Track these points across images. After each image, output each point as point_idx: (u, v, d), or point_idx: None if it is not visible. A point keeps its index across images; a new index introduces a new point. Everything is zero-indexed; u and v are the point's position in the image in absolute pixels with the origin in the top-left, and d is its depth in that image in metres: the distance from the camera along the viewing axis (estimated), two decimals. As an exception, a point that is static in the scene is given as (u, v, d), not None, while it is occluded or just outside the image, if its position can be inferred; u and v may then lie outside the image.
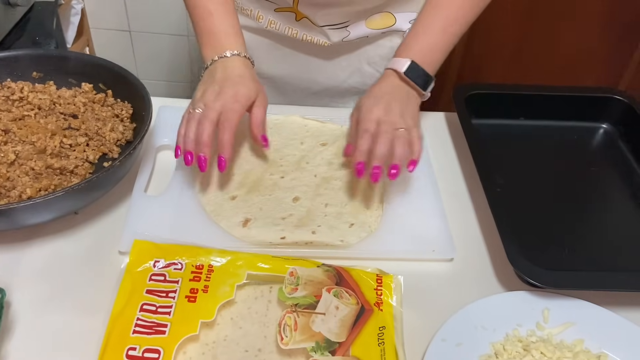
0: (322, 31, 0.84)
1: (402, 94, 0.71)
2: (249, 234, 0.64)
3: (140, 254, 0.57)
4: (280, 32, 0.86)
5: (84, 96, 0.75)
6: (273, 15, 0.85)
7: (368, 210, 0.68)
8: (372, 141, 0.65)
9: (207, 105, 0.65)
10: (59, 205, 0.58)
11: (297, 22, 0.84)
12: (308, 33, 0.85)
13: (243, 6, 0.86)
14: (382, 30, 0.86)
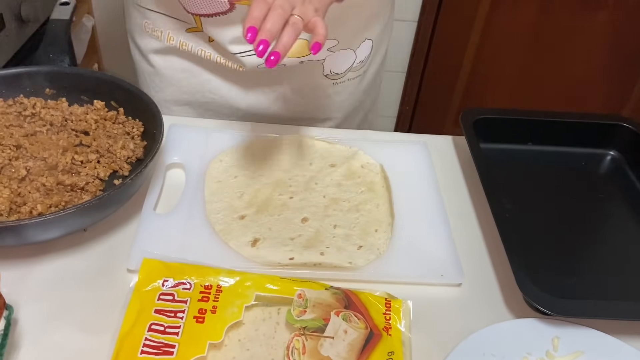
0: (235, 58, 0.80)
1: None
2: (257, 254, 0.64)
3: (149, 273, 0.57)
4: (194, 53, 0.82)
5: (95, 113, 0.75)
6: (185, 37, 0.82)
7: (376, 233, 0.68)
8: (266, 11, 0.57)
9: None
10: (69, 222, 0.58)
11: (210, 44, 0.81)
12: (222, 56, 0.81)
13: (154, 27, 0.83)
14: (299, 59, 0.82)
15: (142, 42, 0.87)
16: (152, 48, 0.86)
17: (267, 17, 0.57)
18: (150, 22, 0.83)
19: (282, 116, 0.90)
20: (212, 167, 0.75)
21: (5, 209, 0.59)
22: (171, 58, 0.86)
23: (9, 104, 0.74)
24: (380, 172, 0.77)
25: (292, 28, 0.58)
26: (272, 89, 0.86)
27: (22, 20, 1.09)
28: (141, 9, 0.83)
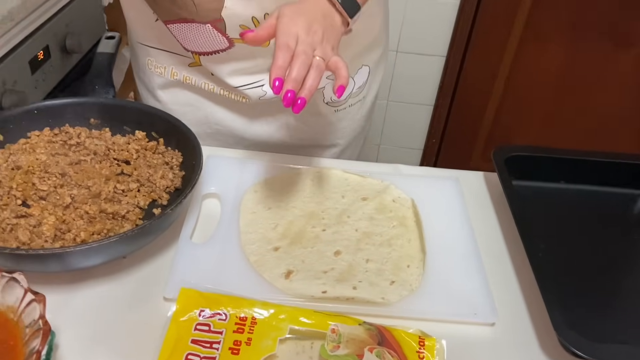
0: (237, 90, 0.83)
1: (328, 19, 0.64)
2: (291, 287, 0.64)
3: (186, 303, 0.58)
4: (197, 86, 0.84)
5: (137, 143, 0.78)
6: (188, 71, 0.84)
7: (409, 268, 0.69)
8: (290, 59, 0.59)
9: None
10: (112, 250, 0.60)
11: (212, 78, 0.83)
12: (224, 89, 0.84)
13: (157, 64, 0.85)
14: None
15: (147, 78, 0.90)
16: (157, 84, 0.89)
17: (292, 65, 0.58)
18: (154, 59, 0.86)
19: (287, 144, 0.92)
20: (247, 197, 0.77)
21: (50, 235, 0.61)
22: (176, 92, 0.89)
23: (55, 132, 0.77)
24: (412, 206, 0.78)
25: (316, 71, 0.60)
26: (275, 117, 0.89)
27: (66, 52, 1.14)
28: (144, 47, 0.86)
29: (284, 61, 0.58)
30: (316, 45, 0.60)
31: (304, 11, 0.62)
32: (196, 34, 0.77)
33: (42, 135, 0.76)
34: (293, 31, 0.60)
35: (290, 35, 0.59)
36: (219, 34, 0.76)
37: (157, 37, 0.83)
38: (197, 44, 0.78)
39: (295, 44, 0.59)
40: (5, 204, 0.66)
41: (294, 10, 0.62)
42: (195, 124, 0.90)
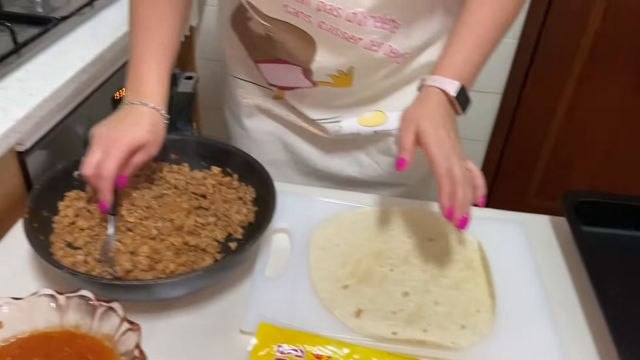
0: (316, 123, 0.88)
1: (451, 119, 0.71)
2: (362, 326, 0.66)
3: (265, 337, 0.60)
4: (280, 116, 0.91)
5: (213, 178, 0.82)
6: (272, 103, 0.91)
7: (478, 314, 0.69)
8: (452, 185, 0.65)
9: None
10: (196, 283, 0.63)
11: (293, 110, 0.89)
12: (305, 122, 0.89)
13: (245, 94, 0.93)
14: (373, 128, 0.88)
15: (236, 107, 0.98)
16: (244, 113, 0.96)
17: (457, 192, 0.65)
18: (243, 90, 0.94)
19: (357, 179, 0.96)
20: (316, 234, 0.79)
21: (146, 264, 0.65)
22: (260, 121, 0.96)
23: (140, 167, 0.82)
24: (478, 249, 0.78)
25: (470, 186, 0.67)
26: (348, 153, 0.93)
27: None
28: (236, 79, 0.94)
29: (450, 188, 0.65)
30: (462, 156, 0.67)
31: (436, 118, 0.69)
32: (285, 72, 0.84)
33: (128, 170, 0.81)
34: (445, 154, 0.66)
35: (446, 161, 0.66)
36: (305, 78, 0.83)
37: (247, 71, 0.91)
38: (283, 80, 0.85)
39: (451, 166, 0.65)
40: (97, 234, 0.70)
41: (429, 121, 0.68)
42: (273, 152, 0.97)
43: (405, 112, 0.73)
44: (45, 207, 0.71)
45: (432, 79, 0.73)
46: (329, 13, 0.71)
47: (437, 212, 0.84)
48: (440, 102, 0.72)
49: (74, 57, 0.91)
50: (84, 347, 0.54)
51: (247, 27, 0.84)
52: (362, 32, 0.74)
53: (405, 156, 0.69)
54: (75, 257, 0.65)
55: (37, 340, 0.54)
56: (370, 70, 0.81)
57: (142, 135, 0.70)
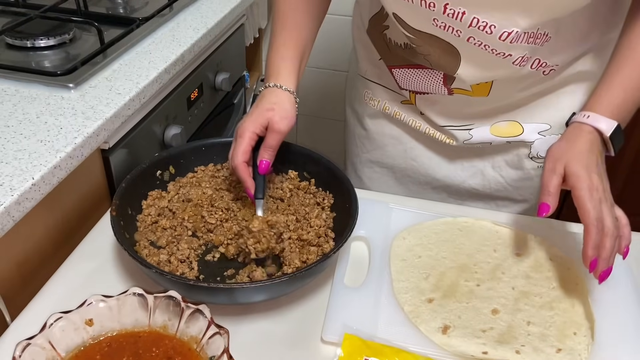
0: (444, 130, 0.84)
1: (601, 159, 0.67)
2: (449, 343, 0.62)
3: (350, 349, 0.58)
4: (405, 122, 0.88)
5: (290, 182, 0.81)
6: (399, 107, 0.88)
7: (575, 336, 0.64)
8: (600, 237, 0.62)
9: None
10: (278, 289, 0.62)
11: (421, 116, 0.86)
12: (431, 128, 0.86)
13: (373, 96, 0.91)
14: (507, 138, 0.84)
15: (360, 108, 0.96)
16: (367, 114, 0.95)
17: (604, 245, 0.62)
18: (370, 92, 0.92)
19: (477, 192, 0.92)
20: (396, 244, 0.76)
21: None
22: (383, 124, 0.93)
23: (217, 168, 0.82)
24: (573, 267, 0.73)
25: (617, 239, 0.64)
26: (472, 164, 0.89)
27: (215, 89, 1.23)
28: (364, 80, 0.93)
29: (598, 239, 0.62)
30: (612, 201, 0.65)
31: (587, 160, 0.65)
32: (421, 78, 0.82)
33: (207, 170, 0.81)
34: (596, 201, 0.63)
35: (597, 210, 0.62)
36: (443, 86, 0.80)
37: (377, 74, 0.90)
38: (417, 86, 0.83)
39: (601, 216, 0.62)
40: (179, 234, 0.70)
41: (584, 167, 0.64)
42: (392, 156, 0.96)
43: (552, 149, 0.69)
44: (130, 205, 0.71)
45: (586, 116, 0.69)
46: (481, 30, 0.68)
47: (523, 224, 0.80)
48: (594, 141, 0.67)
49: (157, 57, 0.93)
50: (171, 349, 0.54)
51: (383, 34, 0.83)
52: (513, 48, 0.70)
53: (549, 201, 0.65)
54: (159, 257, 0.65)
55: (126, 339, 0.54)
56: (512, 82, 0.77)
57: (260, 116, 0.71)
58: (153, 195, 0.75)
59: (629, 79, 0.69)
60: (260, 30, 1.64)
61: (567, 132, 0.70)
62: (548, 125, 0.83)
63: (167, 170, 0.79)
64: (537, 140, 0.84)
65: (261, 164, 0.72)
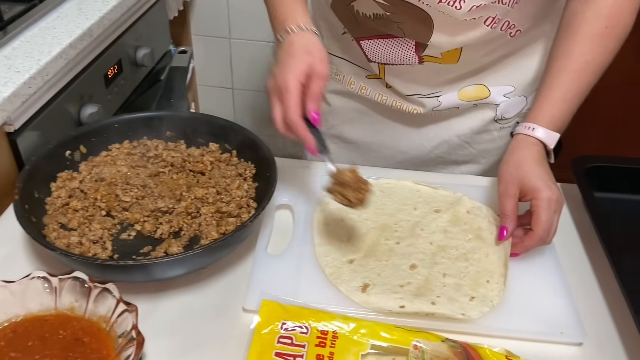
0: (412, 99, 0.84)
1: (548, 167, 0.71)
2: (368, 300, 0.64)
3: (268, 315, 0.58)
4: (370, 97, 0.87)
5: (211, 155, 0.79)
6: (364, 82, 0.87)
7: (488, 284, 0.67)
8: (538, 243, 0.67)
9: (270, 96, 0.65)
10: (194, 261, 0.61)
11: (388, 90, 0.85)
12: (398, 100, 0.85)
13: (337, 71, 0.89)
14: (474, 102, 0.86)
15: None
16: (332, 89, 0.92)
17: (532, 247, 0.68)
18: (335, 67, 0.89)
19: (443, 159, 0.93)
20: (319, 209, 0.76)
21: None
22: (348, 100, 0.92)
23: (134, 145, 0.80)
24: (488, 216, 0.76)
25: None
26: (437, 134, 0.90)
27: (136, 65, 1.19)
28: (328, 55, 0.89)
29: (532, 246, 0.68)
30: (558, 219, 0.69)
31: (542, 174, 0.68)
32: (392, 48, 0.79)
33: (122, 148, 0.79)
34: (551, 214, 0.66)
35: (549, 223, 0.66)
36: (415, 54, 0.78)
37: (341, 48, 0.87)
38: (388, 57, 0.81)
39: (550, 231, 0.67)
40: (92, 214, 0.68)
41: (542, 181, 0.67)
42: (358, 132, 0.94)
43: (502, 172, 0.71)
44: (36, 189, 0.68)
45: (531, 128, 0.71)
46: (450, 6, 0.68)
47: (443, 182, 0.82)
48: (540, 152, 0.71)
49: (61, 32, 0.88)
50: (80, 330, 0.53)
51: (350, 7, 0.79)
52: (485, 11, 0.70)
53: (508, 224, 0.68)
54: (69, 239, 0.63)
55: (31, 324, 0.52)
56: (479, 46, 0.77)
57: (301, 63, 0.64)
58: (63, 177, 0.72)
59: (567, 90, 0.72)
60: (186, 4, 1.59)
61: (513, 144, 0.73)
62: (512, 87, 0.85)
63: (77, 150, 0.75)
64: (502, 103, 0.86)
65: (312, 115, 0.64)
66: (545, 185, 0.67)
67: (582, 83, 0.72)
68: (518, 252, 0.68)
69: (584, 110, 1.78)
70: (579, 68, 0.71)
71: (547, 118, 0.72)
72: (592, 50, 0.71)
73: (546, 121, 0.71)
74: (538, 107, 0.73)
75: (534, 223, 0.67)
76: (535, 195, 0.67)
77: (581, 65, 0.71)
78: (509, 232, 0.68)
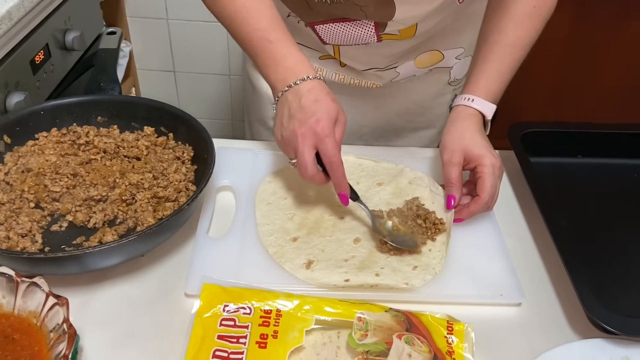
0: (369, 74, 0.84)
1: (487, 137, 0.73)
2: (312, 276, 0.63)
3: (209, 298, 0.57)
4: (327, 78, 0.86)
5: (146, 139, 0.76)
6: (319, 63, 0.85)
7: (430, 252, 0.68)
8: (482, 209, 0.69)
9: (298, 144, 0.63)
10: (129, 249, 0.59)
11: (343, 68, 0.85)
12: (355, 77, 0.85)
13: None
14: (429, 67, 0.87)
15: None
16: None
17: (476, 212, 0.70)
18: None
19: (403, 128, 0.94)
20: (261, 189, 0.75)
21: None
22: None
23: (62, 133, 0.76)
24: (429, 185, 0.76)
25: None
26: (395, 104, 0.90)
27: (66, 49, 1.13)
28: None
29: (477, 211, 0.69)
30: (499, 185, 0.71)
31: (482, 142, 0.70)
32: (349, 30, 0.77)
33: (50, 136, 0.75)
34: (494, 181, 0.68)
35: (494, 189, 0.69)
36: (374, 33, 0.76)
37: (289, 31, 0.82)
38: (345, 38, 0.78)
39: (493, 196, 0.69)
40: (19, 207, 0.65)
41: (485, 148, 0.69)
42: None
43: (445, 141, 0.72)
44: (-43, 183, 0.64)
45: (470, 99, 0.73)
46: None
47: (385, 155, 0.82)
48: (479, 122, 0.72)
49: (-24, 16, 0.82)
50: (9, 327, 0.50)
51: None
52: None
53: (455, 192, 0.69)
54: (-5, 234, 0.60)
55: (-45, 326, 0.49)
56: (434, 16, 0.76)
57: (333, 110, 0.65)
58: (-14, 170, 0.68)
59: (502, 64, 0.74)
60: (119, -17, 1.52)
61: (453, 115, 0.74)
62: (462, 48, 0.86)
63: (1, 140, 0.71)
64: (455, 65, 0.88)
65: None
66: (489, 153, 0.69)
67: (514, 57, 0.74)
68: (463, 217, 0.70)
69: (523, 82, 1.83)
70: (511, 43, 0.74)
71: (485, 90, 0.74)
72: (523, 27, 0.74)
73: (484, 93, 0.73)
74: (475, 79, 0.75)
75: (480, 188, 0.68)
76: (480, 162, 0.69)
77: (514, 40, 0.74)
78: (457, 200, 0.69)
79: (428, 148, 0.88)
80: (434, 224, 0.69)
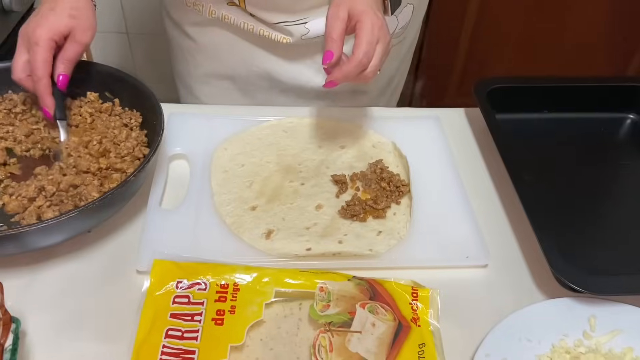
0: (279, 27, 0.79)
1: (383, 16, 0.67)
2: (273, 247, 0.60)
3: (161, 275, 0.54)
4: (236, 24, 0.80)
5: (89, 106, 0.71)
6: (226, 10, 0.79)
7: (395, 216, 0.65)
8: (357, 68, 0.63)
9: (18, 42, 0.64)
10: (72, 226, 0.55)
11: (252, 18, 0.79)
12: (265, 29, 0.80)
13: (195, 1, 0.81)
14: None
15: (182, 16, 0.85)
16: (192, 21, 0.83)
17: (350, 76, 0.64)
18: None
19: (325, 89, 0.86)
20: (217, 156, 0.71)
21: None
22: (212, 31, 0.83)
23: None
24: (393, 150, 0.74)
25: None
26: (314, 61, 0.84)
27: (4, 11, 1.04)
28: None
29: (350, 73, 0.63)
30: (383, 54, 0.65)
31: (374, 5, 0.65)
32: None
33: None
34: (374, 38, 0.63)
35: (370, 47, 0.63)
36: None
37: None
38: None
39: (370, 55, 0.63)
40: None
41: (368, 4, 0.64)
42: (230, 66, 0.85)
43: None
44: None
45: None
46: None
47: (347, 116, 0.79)
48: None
49: None
50: (-62, 319, 0.46)
51: None
52: None
53: (333, 48, 0.63)
54: None
55: None
56: None
57: (61, 23, 0.63)
58: None
59: None
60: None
61: None
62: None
63: None
64: None
65: (59, 78, 0.64)
66: (372, 11, 0.64)
67: None
68: (335, 77, 0.64)
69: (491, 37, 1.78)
70: None
71: None
72: None
73: None
74: None
75: (355, 45, 0.63)
76: (360, 18, 0.64)
77: None
78: (336, 57, 0.64)
79: (393, 108, 0.84)
80: (397, 187, 0.67)
